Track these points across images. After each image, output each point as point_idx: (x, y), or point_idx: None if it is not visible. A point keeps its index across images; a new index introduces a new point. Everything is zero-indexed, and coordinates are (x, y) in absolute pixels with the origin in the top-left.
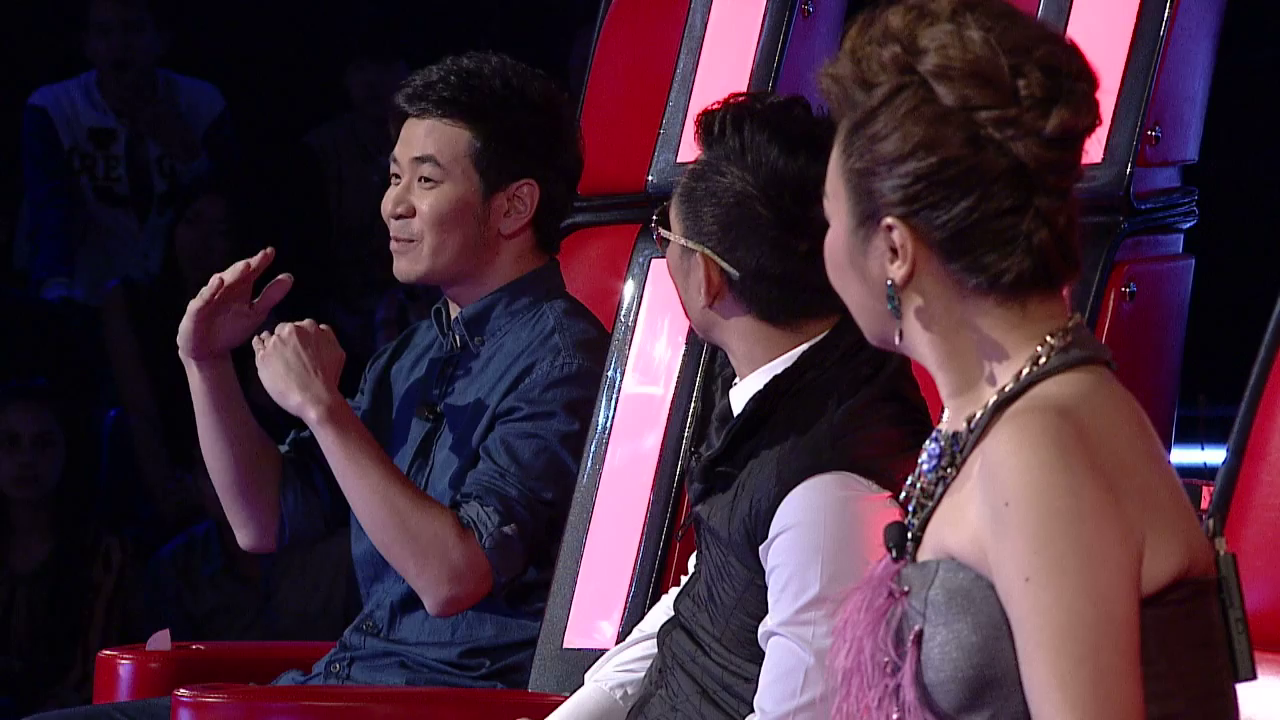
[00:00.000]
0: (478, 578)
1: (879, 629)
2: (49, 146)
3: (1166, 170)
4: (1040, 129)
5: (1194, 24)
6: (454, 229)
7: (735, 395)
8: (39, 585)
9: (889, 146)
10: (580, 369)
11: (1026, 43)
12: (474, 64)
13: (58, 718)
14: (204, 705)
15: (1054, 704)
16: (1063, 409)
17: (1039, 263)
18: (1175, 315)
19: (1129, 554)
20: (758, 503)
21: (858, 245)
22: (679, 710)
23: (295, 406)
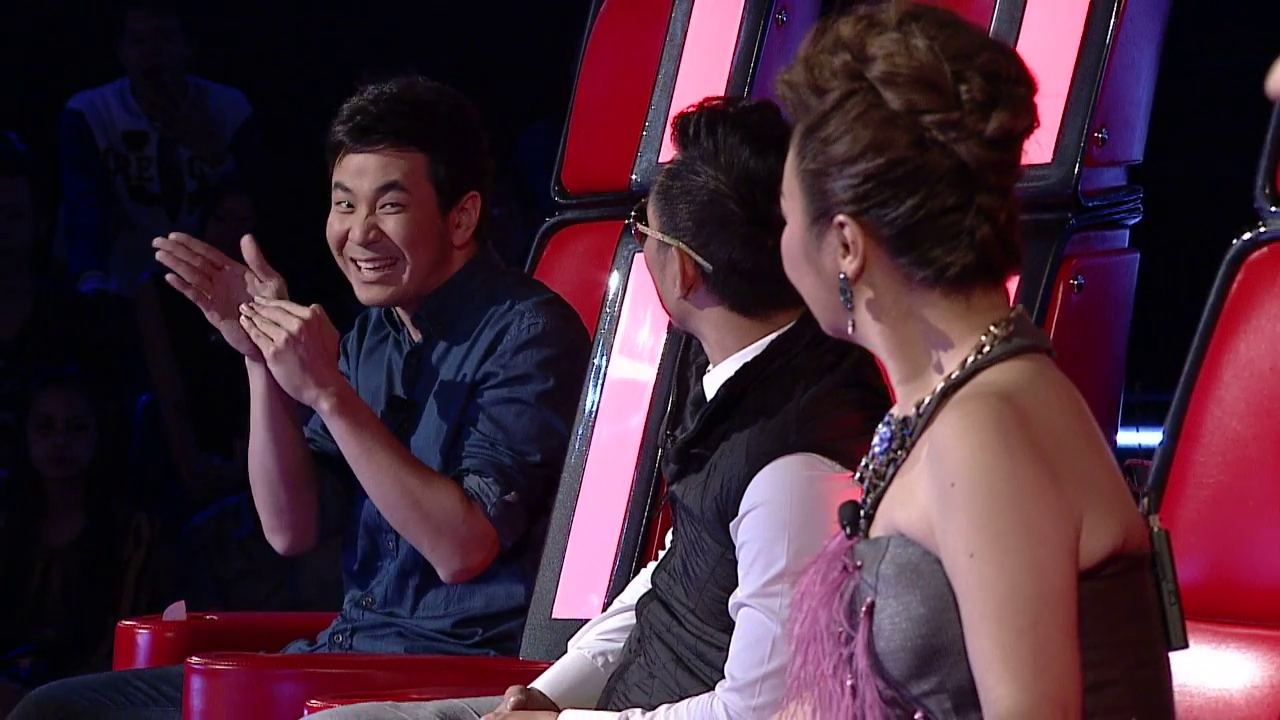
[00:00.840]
0: (486, 546)
1: (833, 601)
2: (85, 148)
3: (1113, 170)
4: (981, 131)
5: (1138, 32)
6: (424, 249)
7: (708, 381)
8: (72, 559)
9: (840, 148)
10: (546, 328)
11: (968, 50)
12: (407, 91)
13: (79, 683)
14: (215, 672)
15: (996, 673)
16: (1005, 395)
17: (981, 256)
18: (1121, 306)
19: (1067, 531)
20: (728, 482)
21: (812, 241)
22: (656, 677)
23: (310, 399)
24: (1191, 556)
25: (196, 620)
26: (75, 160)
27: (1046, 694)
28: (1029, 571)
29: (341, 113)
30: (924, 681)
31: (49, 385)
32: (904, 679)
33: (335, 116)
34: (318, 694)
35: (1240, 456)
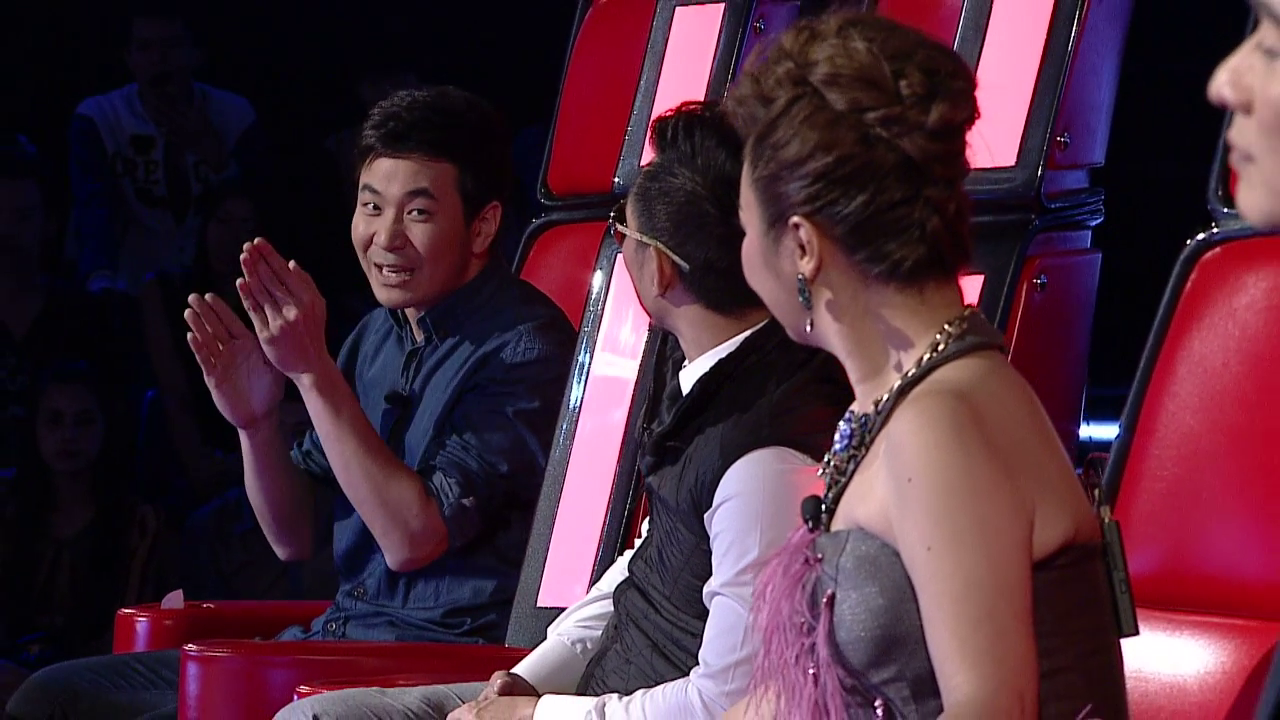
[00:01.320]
0: (434, 542)
1: (796, 592)
2: (94, 152)
3: (1075, 172)
4: (923, 123)
5: (1099, 40)
6: (446, 257)
7: (684, 376)
8: (80, 549)
9: (790, 151)
10: (540, 354)
11: (906, 49)
12: (440, 100)
13: (81, 666)
14: (209, 658)
15: (954, 662)
16: (960, 393)
17: (933, 249)
18: (1083, 304)
19: (1020, 524)
20: (703, 474)
21: (770, 246)
22: (632, 663)
23: (293, 373)
24: (1146, 546)
25: (194, 608)
26: (84, 163)
27: (1004, 681)
28: (984, 563)
29: (373, 116)
30: (883, 670)
31: (58, 381)
32: (864, 668)
33: (366, 119)
34: (308, 680)
35: (1193, 450)
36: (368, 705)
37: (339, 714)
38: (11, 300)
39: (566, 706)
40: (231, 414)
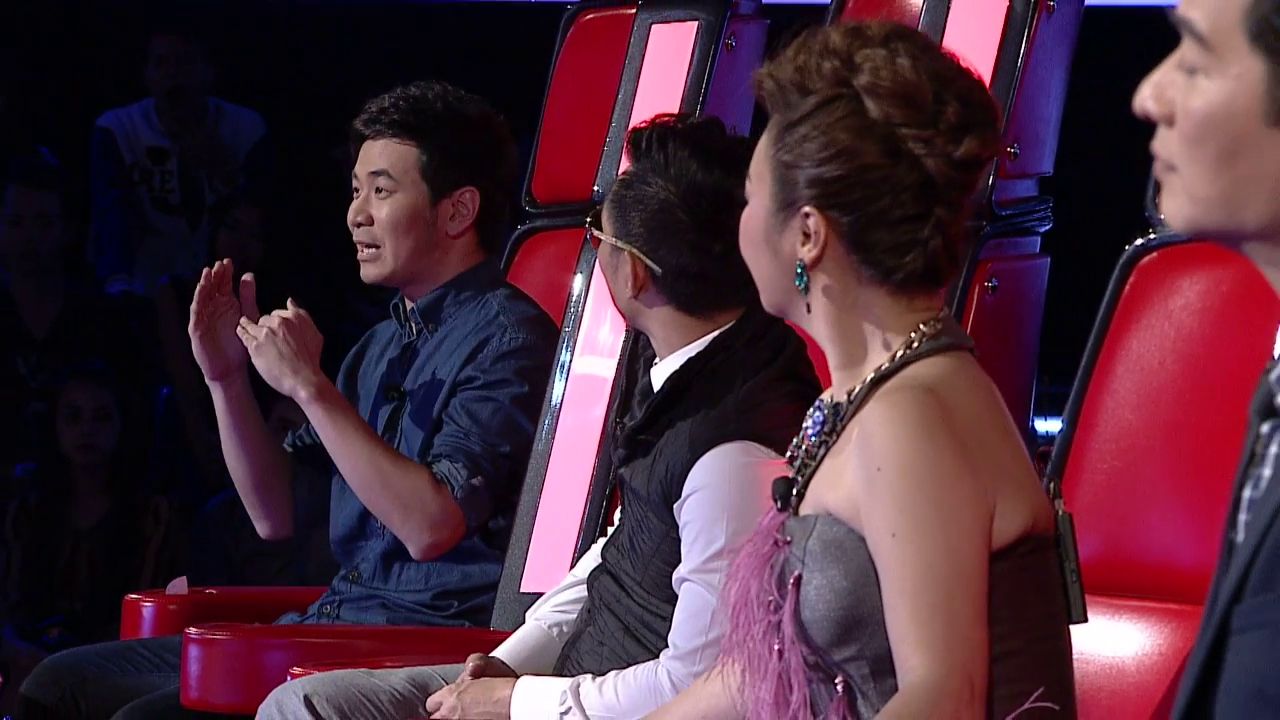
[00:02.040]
0: (453, 525)
1: (764, 572)
2: (113, 162)
3: (1025, 181)
4: (951, 152)
5: (1047, 57)
6: (408, 233)
7: (655, 374)
8: (97, 538)
9: (815, 146)
10: (525, 342)
11: (948, 75)
12: (419, 91)
13: (90, 651)
14: (209, 641)
15: (911, 643)
16: (929, 388)
17: (930, 264)
18: (1032, 306)
19: (981, 515)
20: (673, 466)
21: (775, 225)
22: (605, 645)
23: (289, 389)
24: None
25: (197, 594)
26: (104, 173)
27: (955, 665)
28: (945, 552)
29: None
30: (845, 649)
31: (77, 378)
32: (826, 646)
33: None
34: (302, 662)
35: (1132, 444)
36: (356, 685)
37: (328, 694)
38: (33, 302)
39: (542, 687)
40: (209, 365)
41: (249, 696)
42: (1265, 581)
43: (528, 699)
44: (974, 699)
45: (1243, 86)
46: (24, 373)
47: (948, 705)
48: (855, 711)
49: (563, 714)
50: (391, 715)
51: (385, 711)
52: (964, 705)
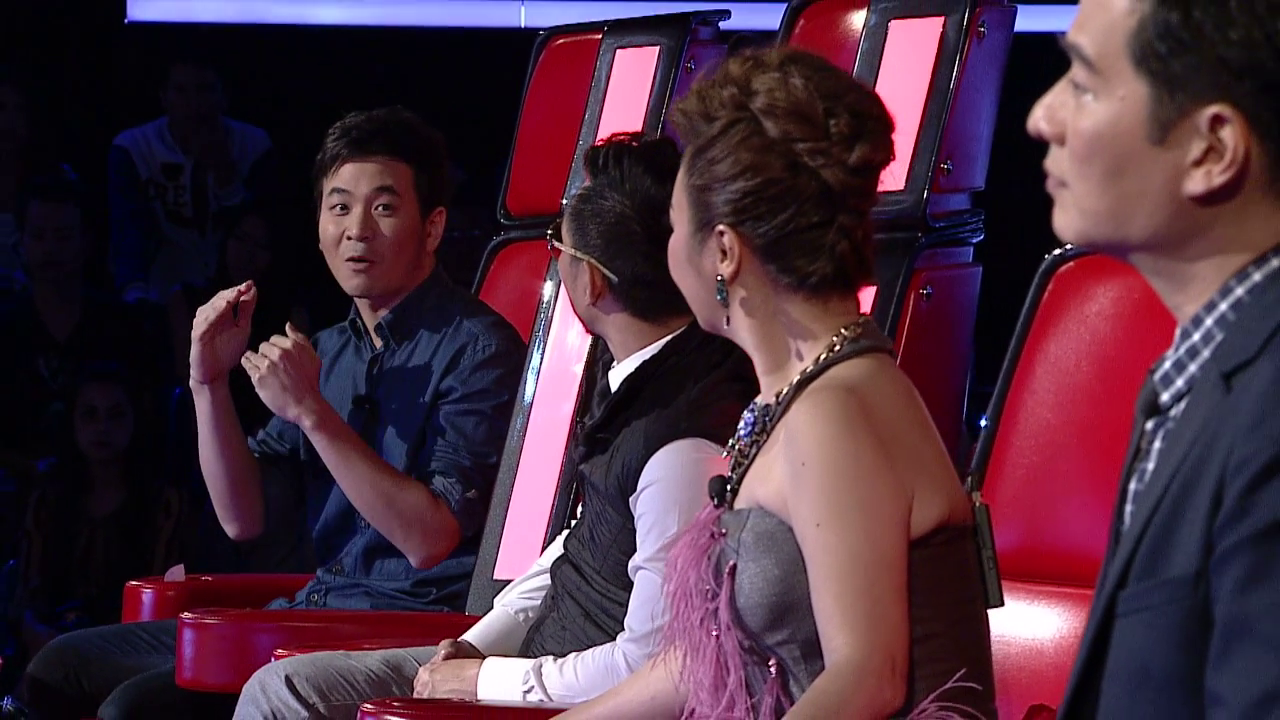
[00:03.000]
0: (451, 536)
1: (702, 563)
2: (130, 178)
3: (957, 195)
4: (845, 160)
5: (978, 80)
6: (407, 248)
7: (613, 376)
8: (112, 528)
9: (723, 168)
10: (498, 349)
11: (838, 91)
12: (395, 115)
13: (93, 634)
14: (202, 625)
15: (836, 625)
16: (850, 388)
17: (839, 268)
18: (965, 312)
19: (899, 506)
20: (629, 462)
21: (695, 246)
22: (567, 629)
23: (294, 417)
24: (1009, 526)
25: (193, 581)
26: (121, 188)
27: (877, 645)
28: (866, 540)
29: (334, 132)
30: (777, 633)
31: (93, 379)
32: (760, 631)
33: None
34: (288, 644)
35: (1050, 441)
36: (333, 666)
37: (308, 674)
38: (54, 309)
39: (507, 667)
40: (204, 370)
41: (239, 676)
42: (1147, 568)
43: (493, 678)
44: (895, 675)
45: (1127, 108)
46: (45, 375)
47: (870, 681)
48: (788, 692)
49: (525, 692)
50: (367, 693)
51: (361, 690)
52: (885, 681)
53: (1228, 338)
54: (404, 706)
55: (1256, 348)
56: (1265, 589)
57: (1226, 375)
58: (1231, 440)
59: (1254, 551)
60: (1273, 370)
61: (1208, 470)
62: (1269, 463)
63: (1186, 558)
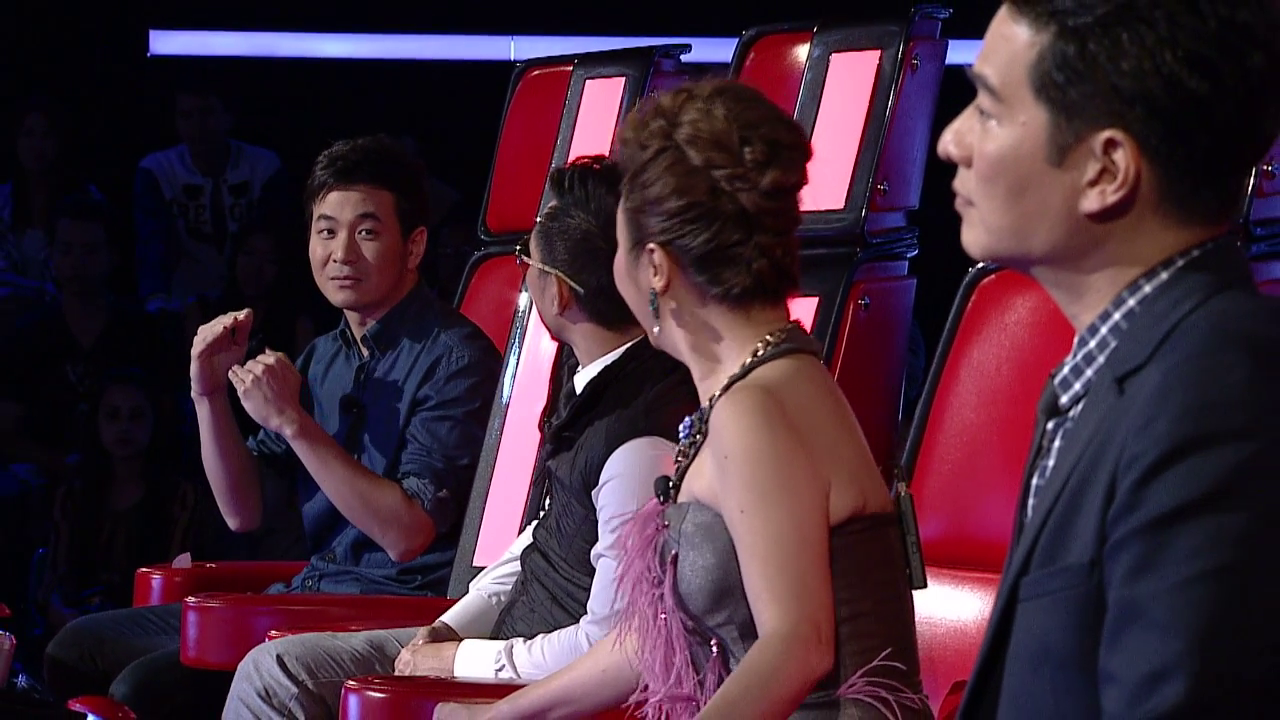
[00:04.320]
0: (424, 533)
1: (648, 552)
2: (155, 198)
3: (893, 214)
4: (759, 184)
5: (912, 107)
6: (390, 267)
7: (578, 379)
8: (133, 519)
9: (653, 191)
10: (471, 359)
11: (756, 121)
12: (377, 143)
13: (106, 617)
14: (205, 608)
15: (764, 600)
16: (767, 387)
17: (758, 281)
18: (900, 321)
19: (817, 490)
20: (591, 459)
21: (632, 263)
22: (536, 612)
23: (275, 426)
24: (936, 517)
25: (199, 568)
26: (146, 207)
27: (803, 615)
28: (787, 521)
29: (322, 160)
30: (716, 615)
31: (116, 382)
32: (701, 614)
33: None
34: (282, 627)
35: (973, 438)
36: (321, 646)
37: (298, 654)
38: (81, 318)
39: (481, 648)
40: (201, 383)
41: (238, 656)
42: (1047, 556)
43: (469, 657)
44: (820, 642)
45: (1028, 132)
46: (73, 379)
47: (797, 648)
48: (729, 669)
49: (497, 671)
50: (352, 671)
51: (347, 668)
52: (813, 648)
53: (1120, 345)
54: (384, 684)
55: (1146, 354)
56: (1153, 576)
57: (1119, 380)
58: (1123, 439)
59: (1143, 542)
60: (1160, 375)
61: (1102, 467)
62: (1156, 460)
63: (1083, 547)
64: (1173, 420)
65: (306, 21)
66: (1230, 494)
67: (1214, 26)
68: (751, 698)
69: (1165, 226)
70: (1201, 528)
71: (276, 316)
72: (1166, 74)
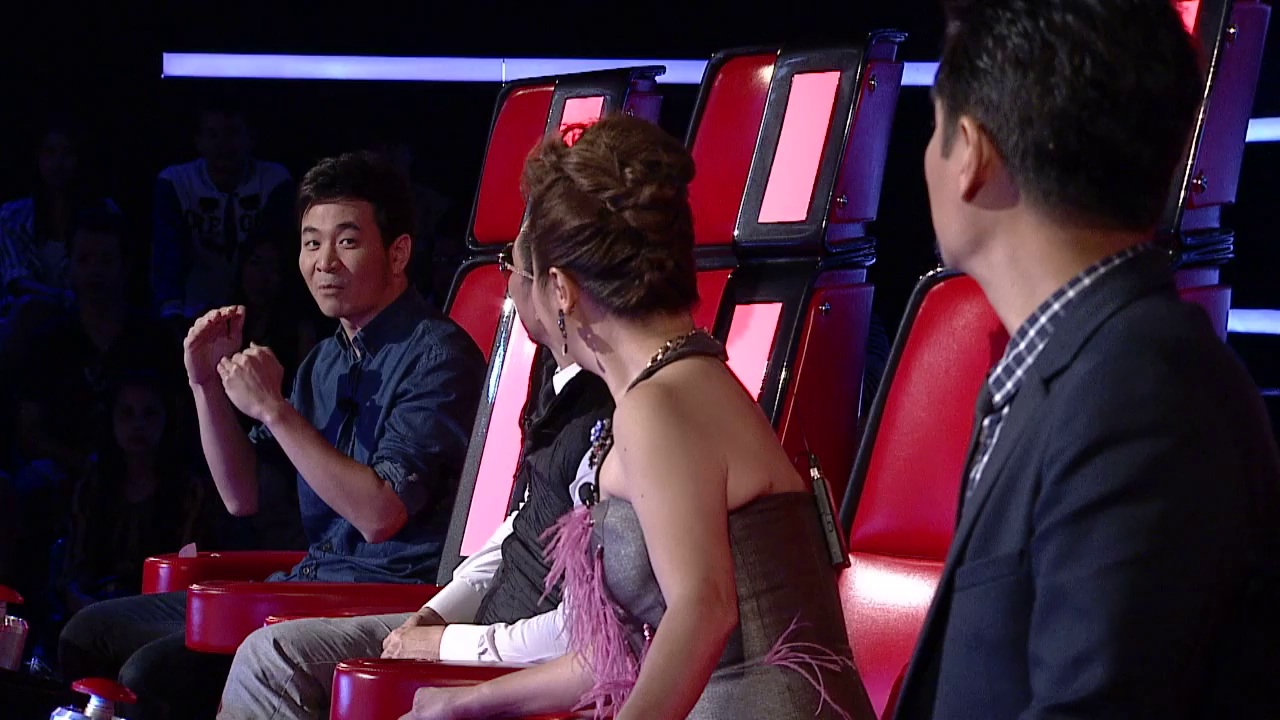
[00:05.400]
0: (396, 513)
1: (578, 550)
2: (172, 210)
3: (852, 225)
4: (638, 201)
5: (870, 126)
6: (371, 274)
7: (557, 380)
8: (146, 512)
9: (550, 219)
10: (448, 357)
11: (636, 147)
12: (356, 159)
13: (116, 604)
14: (209, 595)
15: (668, 571)
16: (660, 385)
17: (651, 292)
18: (859, 325)
19: (712, 470)
20: (569, 454)
21: (540, 288)
22: (516, 598)
23: (256, 413)
24: (888, 509)
25: (204, 557)
26: (165, 217)
27: (704, 577)
28: (682, 498)
29: (306, 177)
30: (644, 600)
31: (131, 383)
32: (629, 601)
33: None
34: (279, 612)
35: (923, 435)
36: (315, 631)
37: (293, 638)
38: (98, 323)
39: (466, 633)
40: (194, 371)
41: (239, 639)
42: (981, 547)
43: (454, 641)
44: (721, 599)
45: (937, 133)
46: (90, 380)
47: (702, 608)
48: None
49: (480, 654)
50: (344, 654)
51: (339, 651)
52: (716, 604)
53: (1047, 348)
54: (374, 666)
55: (1070, 356)
56: (1076, 565)
57: (1046, 380)
58: (1048, 436)
59: (1066, 533)
60: (1081, 376)
61: (1030, 462)
62: (1076, 455)
63: (1012, 538)
64: (1091, 418)
65: (311, 45)
66: (1144, 487)
67: (1041, 26)
68: (674, 660)
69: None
70: (1118, 519)
71: (281, 321)
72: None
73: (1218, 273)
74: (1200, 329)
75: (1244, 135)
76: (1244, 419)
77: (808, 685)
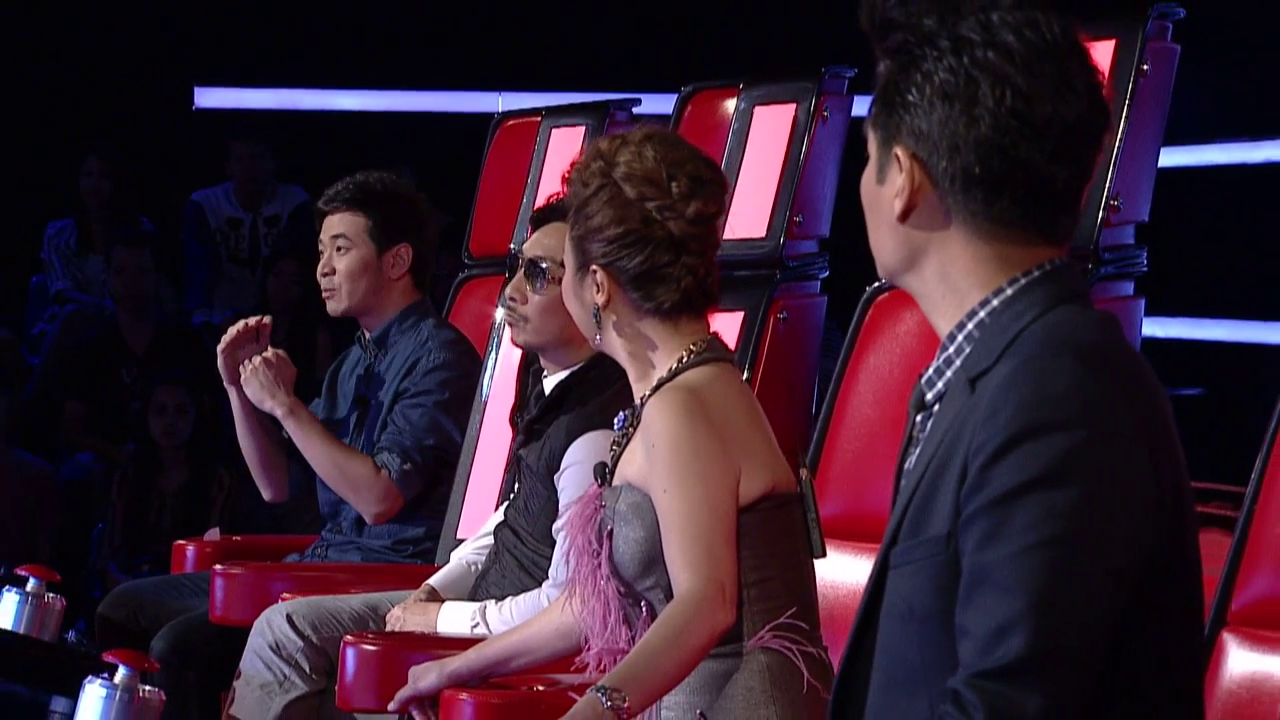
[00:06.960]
0: (392, 498)
1: (589, 528)
2: (202, 228)
3: (807, 241)
4: (684, 213)
5: (823, 150)
6: (360, 279)
7: (547, 382)
8: (178, 500)
9: (595, 221)
10: (445, 360)
11: (681, 160)
12: (364, 176)
13: (147, 583)
14: (230, 574)
15: (678, 566)
16: (690, 388)
17: (685, 297)
18: (813, 333)
19: (728, 475)
20: (555, 449)
21: (577, 283)
22: (506, 578)
23: (268, 408)
24: (838, 497)
25: (226, 540)
26: (195, 235)
27: (711, 577)
28: (701, 501)
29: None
30: (645, 580)
31: (163, 383)
32: (632, 580)
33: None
34: (292, 589)
35: (870, 431)
36: (325, 606)
37: (304, 613)
38: (134, 330)
39: (460, 608)
40: (226, 373)
41: (258, 614)
42: (912, 530)
43: (449, 617)
44: (725, 601)
45: (870, 164)
46: (127, 381)
47: (706, 605)
48: None
49: (473, 628)
50: (350, 628)
51: (346, 625)
52: (718, 605)
53: (973, 351)
54: (377, 638)
55: (994, 358)
56: (998, 545)
57: (972, 380)
58: (973, 429)
59: (989, 516)
60: (1004, 376)
61: (957, 453)
62: (999, 446)
63: (941, 521)
64: (1012, 413)
65: (327, 80)
66: (1060, 475)
67: (965, 62)
68: (667, 646)
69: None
70: (1037, 504)
71: (300, 329)
72: (928, 101)
73: (1133, 284)
74: (1111, 334)
75: (1156, 160)
76: (1151, 415)
77: (787, 665)
